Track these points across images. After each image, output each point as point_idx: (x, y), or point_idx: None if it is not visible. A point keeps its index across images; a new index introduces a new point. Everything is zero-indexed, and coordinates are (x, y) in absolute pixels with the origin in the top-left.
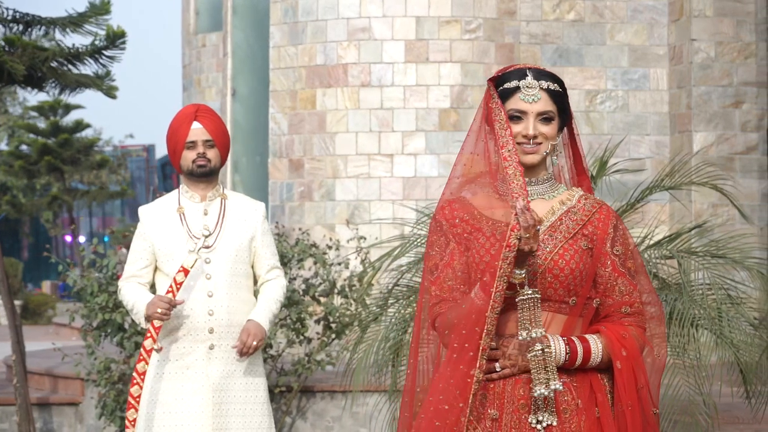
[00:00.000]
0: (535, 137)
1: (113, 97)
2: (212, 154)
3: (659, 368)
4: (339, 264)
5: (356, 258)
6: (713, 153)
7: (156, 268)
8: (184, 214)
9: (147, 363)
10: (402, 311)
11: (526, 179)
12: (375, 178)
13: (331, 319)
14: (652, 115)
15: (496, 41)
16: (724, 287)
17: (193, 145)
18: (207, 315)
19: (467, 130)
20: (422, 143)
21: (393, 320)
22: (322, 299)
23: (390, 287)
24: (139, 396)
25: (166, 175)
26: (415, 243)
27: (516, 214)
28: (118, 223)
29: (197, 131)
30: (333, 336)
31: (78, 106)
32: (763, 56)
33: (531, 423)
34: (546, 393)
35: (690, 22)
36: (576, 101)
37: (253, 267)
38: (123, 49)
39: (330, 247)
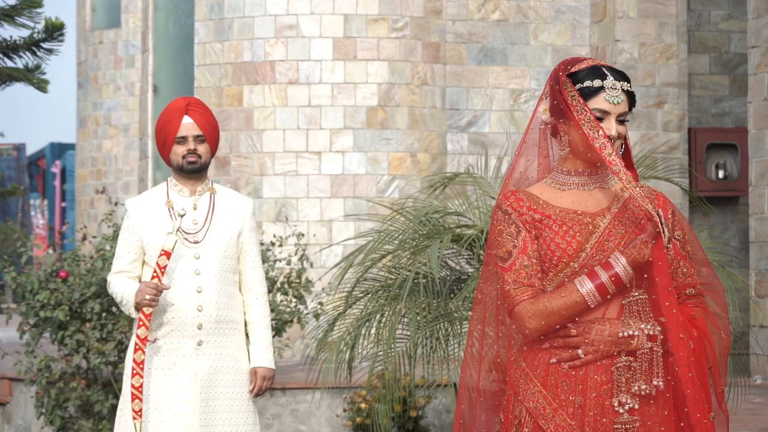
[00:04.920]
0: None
1: (44, 90)
2: (203, 149)
3: (725, 347)
4: (281, 260)
5: (295, 254)
6: (637, 152)
7: (144, 263)
8: (172, 208)
9: (144, 352)
10: (371, 305)
11: (588, 170)
12: (303, 176)
13: (272, 317)
14: None
15: (423, 40)
16: None
17: (183, 140)
18: (196, 311)
19: (394, 128)
20: (350, 141)
21: (362, 314)
22: None
23: (353, 285)
24: (141, 386)
25: (31, 175)
26: (386, 239)
27: (662, 224)
28: None
29: (188, 126)
30: (273, 333)
31: None
32: (683, 57)
33: (614, 406)
34: (648, 390)
35: (614, 23)
36: (500, 100)
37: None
38: (61, 41)
39: (274, 244)
